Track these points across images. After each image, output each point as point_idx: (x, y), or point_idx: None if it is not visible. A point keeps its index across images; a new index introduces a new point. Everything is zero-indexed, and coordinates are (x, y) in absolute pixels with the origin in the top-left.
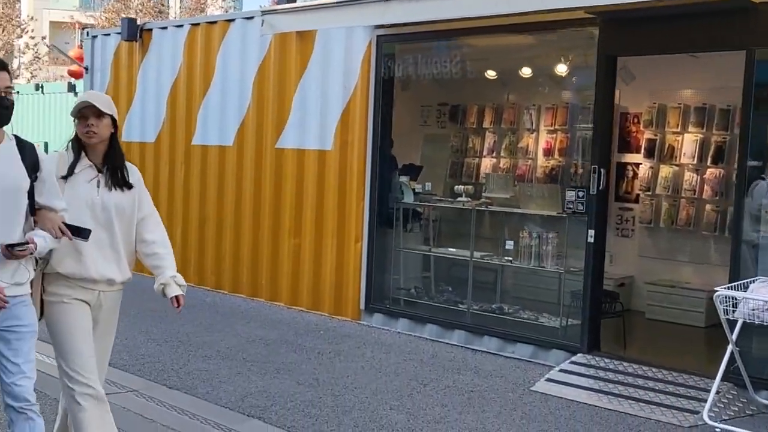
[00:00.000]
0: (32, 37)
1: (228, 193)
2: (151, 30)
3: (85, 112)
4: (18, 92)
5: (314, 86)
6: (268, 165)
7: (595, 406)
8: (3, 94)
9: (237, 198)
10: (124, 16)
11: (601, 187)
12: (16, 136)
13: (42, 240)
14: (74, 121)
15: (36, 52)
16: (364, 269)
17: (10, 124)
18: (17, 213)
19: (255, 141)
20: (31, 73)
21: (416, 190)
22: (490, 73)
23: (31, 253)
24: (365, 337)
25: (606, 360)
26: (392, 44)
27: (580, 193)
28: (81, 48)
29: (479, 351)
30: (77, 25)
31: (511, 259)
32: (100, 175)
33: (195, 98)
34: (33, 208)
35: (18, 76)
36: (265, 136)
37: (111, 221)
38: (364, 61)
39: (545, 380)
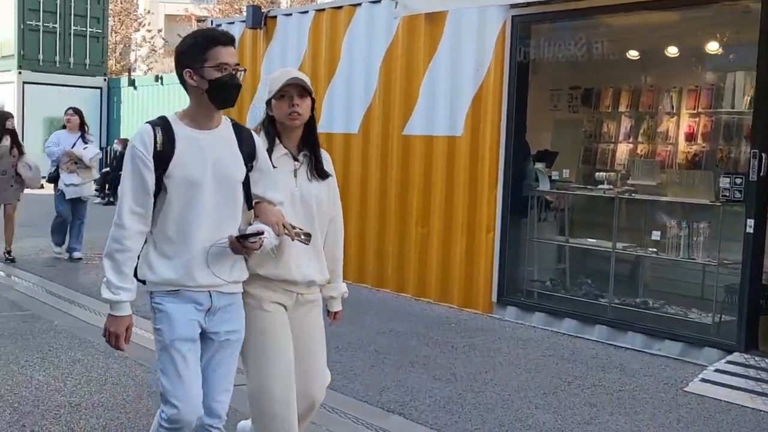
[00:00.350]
0: (149, 31)
1: (353, 182)
2: (275, 17)
3: (288, 90)
4: (136, 85)
5: (444, 70)
6: (395, 152)
7: (760, 410)
8: (234, 72)
9: (362, 187)
10: (237, 7)
11: (762, 174)
12: (232, 120)
13: (267, 234)
14: (269, 102)
15: (152, 45)
16: (497, 260)
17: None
18: (235, 205)
19: (381, 128)
20: (148, 65)
21: (552, 178)
22: (629, 54)
23: (260, 246)
24: (499, 331)
25: (767, 360)
26: (528, 24)
27: (738, 180)
28: None
29: (622, 348)
30: (193, 17)
31: (656, 250)
32: (296, 163)
33: (319, 85)
34: (250, 201)
35: (135, 68)
36: (391, 122)
37: (312, 215)
38: (497, 43)
39: (699, 380)
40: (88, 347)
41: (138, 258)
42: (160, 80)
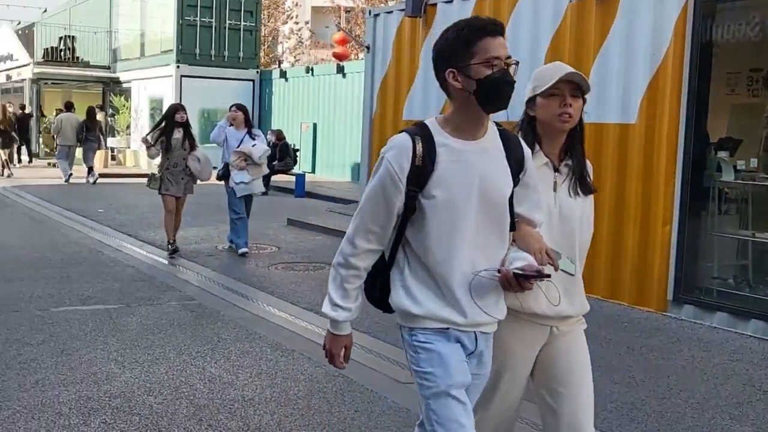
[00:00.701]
0: (296, 23)
1: None
2: (435, 5)
3: (561, 88)
4: (287, 76)
5: (616, 55)
6: None
7: None
8: (505, 66)
9: None
10: None
11: None
12: (498, 125)
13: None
14: (532, 99)
15: (299, 37)
16: (673, 255)
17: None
18: (502, 228)
19: None
20: (295, 57)
21: (737, 167)
22: None
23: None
24: (677, 331)
25: None
26: (712, 4)
27: None
28: (343, 31)
29: None
30: (340, 8)
31: None
32: (556, 174)
33: None
34: (513, 221)
35: (282, 60)
36: None
37: (572, 236)
38: (677, 25)
39: None
40: (256, 339)
41: (379, 280)
42: (310, 71)
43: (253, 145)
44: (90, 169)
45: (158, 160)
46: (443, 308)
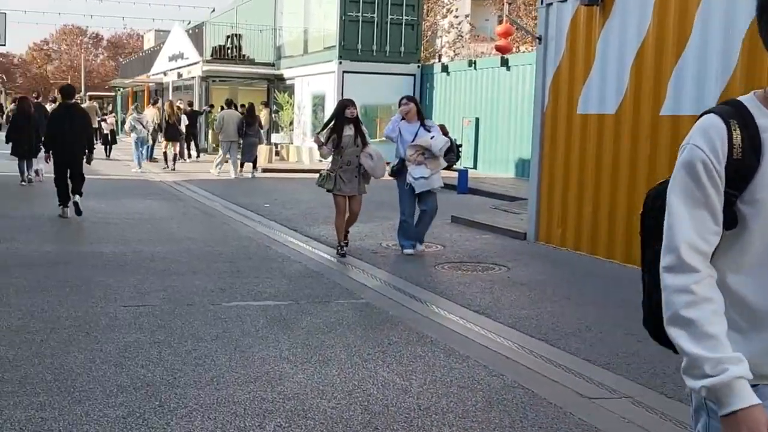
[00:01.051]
0: (456, 16)
1: None
2: None
3: None
4: (448, 70)
5: None
6: None
7: None
8: None
9: None
10: None
11: None
12: None
13: None
14: None
15: (459, 31)
16: None
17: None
18: None
19: None
20: (454, 51)
21: None
22: None
23: None
24: None
25: None
26: None
27: None
28: (508, 23)
29: None
30: (503, 1)
31: None
32: None
33: (665, 65)
34: None
35: (441, 55)
36: None
37: None
38: None
39: None
40: (427, 342)
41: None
42: (473, 65)
43: (431, 137)
44: (243, 165)
45: (330, 158)
46: (756, 360)
